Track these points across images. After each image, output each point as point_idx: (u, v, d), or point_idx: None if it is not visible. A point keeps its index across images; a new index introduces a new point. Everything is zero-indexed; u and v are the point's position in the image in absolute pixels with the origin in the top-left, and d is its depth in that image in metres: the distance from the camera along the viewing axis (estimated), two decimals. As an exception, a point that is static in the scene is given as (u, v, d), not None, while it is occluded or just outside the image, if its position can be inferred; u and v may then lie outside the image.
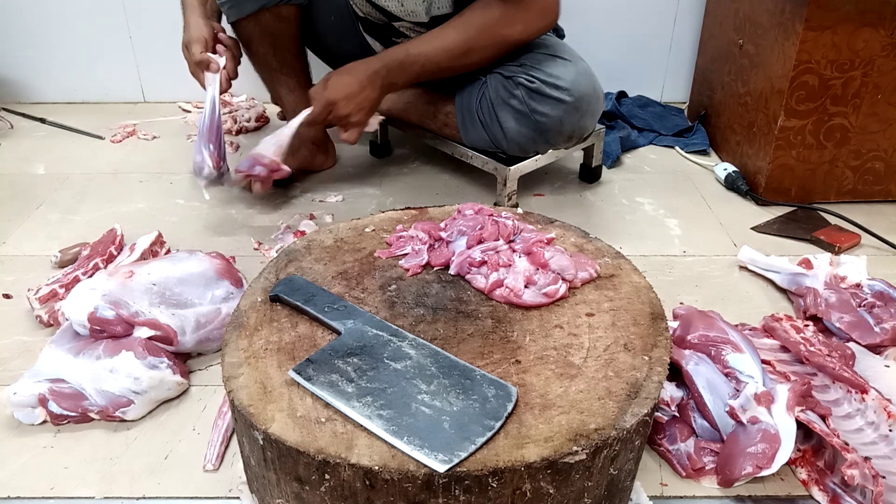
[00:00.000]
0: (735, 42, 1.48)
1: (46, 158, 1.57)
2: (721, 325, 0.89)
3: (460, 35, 1.14)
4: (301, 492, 0.64)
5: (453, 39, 1.14)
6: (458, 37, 1.14)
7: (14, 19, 1.75)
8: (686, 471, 0.81)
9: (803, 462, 0.81)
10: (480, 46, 1.15)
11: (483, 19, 1.13)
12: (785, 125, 1.30)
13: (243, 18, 1.25)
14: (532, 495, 0.61)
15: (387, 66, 1.16)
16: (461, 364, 0.69)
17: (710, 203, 1.40)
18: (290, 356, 0.71)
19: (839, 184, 1.37)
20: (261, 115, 1.72)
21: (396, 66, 1.16)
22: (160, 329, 0.91)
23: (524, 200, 1.39)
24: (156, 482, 0.80)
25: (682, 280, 1.16)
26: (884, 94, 1.27)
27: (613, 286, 0.82)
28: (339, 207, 1.37)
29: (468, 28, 1.13)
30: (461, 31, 1.13)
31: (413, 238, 0.88)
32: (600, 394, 0.66)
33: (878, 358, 0.93)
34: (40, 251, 1.22)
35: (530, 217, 0.95)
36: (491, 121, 1.25)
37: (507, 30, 1.13)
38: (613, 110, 1.70)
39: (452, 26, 1.14)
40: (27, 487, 0.80)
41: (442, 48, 1.14)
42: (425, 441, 0.60)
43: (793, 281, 1.10)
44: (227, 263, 1.05)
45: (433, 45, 1.14)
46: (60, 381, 0.87)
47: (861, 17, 1.20)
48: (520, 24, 1.14)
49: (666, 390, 0.85)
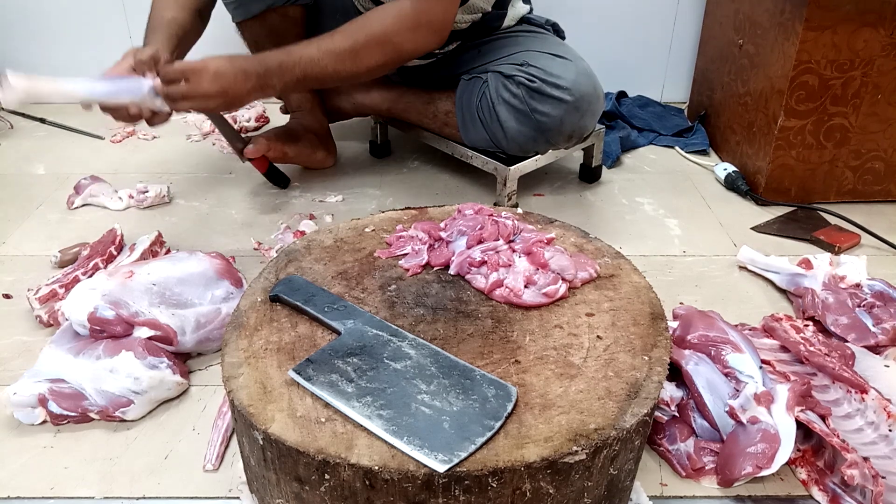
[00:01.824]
0: (735, 42, 1.48)
1: (46, 158, 1.57)
2: (721, 325, 0.89)
3: (347, 41, 1.08)
4: (301, 492, 0.64)
5: (340, 45, 1.08)
6: (345, 42, 1.08)
7: (14, 19, 1.75)
8: (686, 471, 0.81)
9: (803, 462, 0.81)
10: (366, 53, 1.10)
11: (373, 26, 1.10)
12: (785, 125, 1.31)
13: (249, 19, 1.25)
14: (532, 495, 0.61)
15: (266, 66, 1.07)
16: (461, 364, 0.69)
17: (710, 203, 1.40)
18: (290, 356, 0.71)
19: (839, 184, 1.37)
20: (261, 115, 1.72)
21: (276, 66, 1.08)
22: (160, 329, 0.91)
23: (524, 200, 1.39)
24: (156, 482, 0.80)
25: (681, 280, 1.16)
26: (884, 94, 1.27)
27: (613, 286, 0.82)
28: (339, 207, 1.37)
29: (357, 33, 1.09)
30: (348, 38, 1.09)
31: (413, 238, 0.88)
32: (600, 394, 0.66)
33: (878, 358, 0.93)
34: (40, 251, 1.22)
35: (530, 217, 0.95)
36: (491, 120, 1.25)
37: (397, 38, 1.10)
38: (613, 110, 1.70)
39: (341, 32, 1.10)
40: (27, 487, 0.80)
41: (328, 51, 1.08)
42: (425, 441, 0.60)
43: (792, 281, 1.10)
44: (227, 263, 1.05)
45: (318, 49, 1.08)
46: (60, 381, 0.87)
47: (861, 17, 1.20)
48: (409, 36, 1.11)
49: (666, 390, 0.85)
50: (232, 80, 1.04)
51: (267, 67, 1.07)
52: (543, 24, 1.36)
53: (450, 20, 1.14)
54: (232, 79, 1.04)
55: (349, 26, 1.10)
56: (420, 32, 1.11)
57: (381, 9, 1.11)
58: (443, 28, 1.13)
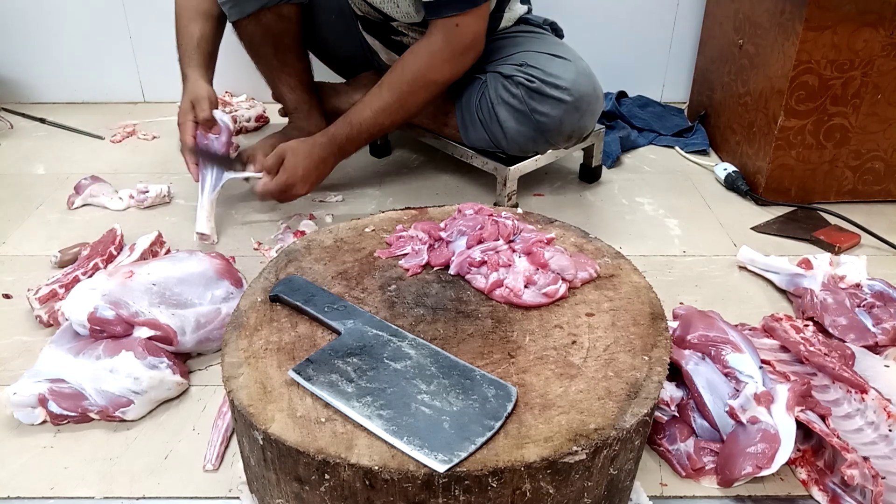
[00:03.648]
0: (735, 42, 1.48)
1: (46, 158, 1.57)
2: (721, 325, 0.89)
3: (393, 94, 1.18)
4: (301, 492, 0.64)
5: (387, 100, 1.19)
6: (391, 96, 1.19)
7: (14, 19, 1.75)
8: (686, 471, 0.81)
9: (803, 462, 0.81)
10: (414, 97, 1.19)
11: (412, 71, 1.17)
12: (785, 125, 1.31)
13: (244, 18, 1.25)
14: (532, 495, 0.61)
15: (338, 145, 1.22)
16: (461, 364, 0.69)
17: (710, 203, 1.40)
18: (289, 356, 0.71)
19: (839, 184, 1.37)
20: (261, 115, 1.72)
21: (345, 140, 1.22)
22: (160, 329, 0.91)
23: (524, 200, 1.39)
24: (156, 482, 0.80)
25: (681, 280, 1.16)
26: (884, 94, 1.27)
27: (613, 286, 0.82)
28: (339, 207, 1.37)
29: (400, 84, 1.18)
30: (394, 90, 1.18)
31: (413, 238, 0.88)
32: (600, 394, 0.66)
33: (878, 358, 0.93)
34: (40, 251, 1.22)
35: (530, 217, 0.95)
36: (491, 120, 1.25)
37: (435, 75, 1.18)
38: (613, 110, 1.70)
39: (386, 85, 1.19)
40: (27, 487, 0.80)
41: (380, 109, 1.19)
42: (425, 441, 0.60)
43: (791, 281, 1.10)
44: (227, 263, 1.05)
45: (371, 110, 1.20)
46: (60, 381, 0.87)
47: (861, 17, 1.20)
48: (447, 67, 1.18)
49: (666, 390, 0.85)
50: (316, 173, 1.22)
51: (339, 146, 1.22)
52: (541, 23, 1.36)
53: (481, 36, 1.19)
54: (316, 172, 1.22)
55: (390, 77, 1.19)
56: (456, 60, 1.18)
57: (416, 49, 1.18)
58: (476, 45, 1.19)
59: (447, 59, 1.16)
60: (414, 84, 1.18)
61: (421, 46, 1.17)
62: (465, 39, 1.15)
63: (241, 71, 1.26)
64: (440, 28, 1.14)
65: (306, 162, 1.20)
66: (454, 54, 1.16)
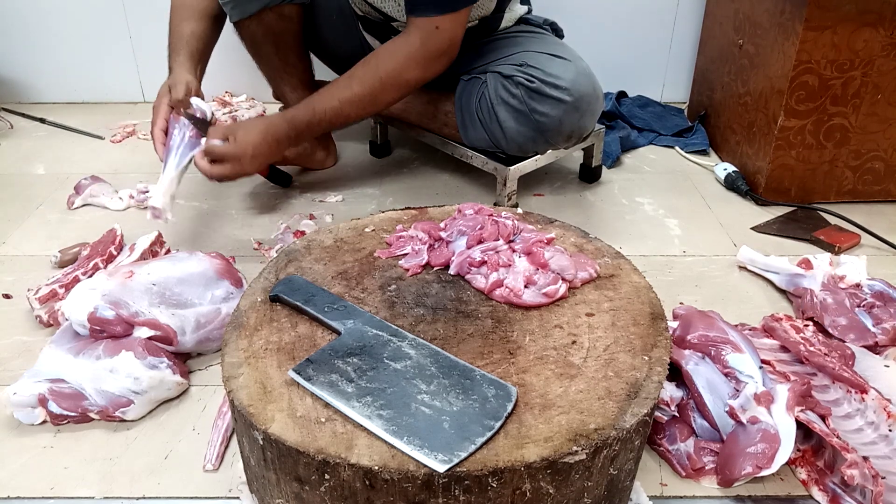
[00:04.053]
0: (735, 42, 1.48)
1: (46, 158, 1.57)
2: (721, 325, 0.89)
3: (364, 88, 1.16)
4: (301, 492, 0.64)
5: (357, 93, 1.16)
6: (362, 90, 1.16)
7: (14, 19, 1.75)
8: (686, 471, 0.81)
9: (803, 462, 0.81)
10: (384, 95, 1.18)
11: (385, 70, 1.16)
12: (785, 125, 1.31)
13: (246, 18, 1.25)
14: (532, 495, 0.61)
15: (296, 130, 1.18)
16: (461, 364, 0.69)
17: (710, 203, 1.40)
18: (289, 356, 0.71)
19: (839, 184, 1.37)
20: (261, 115, 1.72)
21: (304, 126, 1.18)
22: (160, 329, 0.91)
23: (524, 200, 1.39)
24: (156, 482, 0.80)
25: (681, 280, 1.16)
26: (884, 94, 1.27)
27: (613, 286, 0.82)
28: (339, 207, 1.37)
29: (372, 80, 1.16)
30: (365, 85, 1.16)
31: (413, 238, 0.88)
32: (600, 394, 0.66)
33: (878, 358, 0.93)
34: (40, 251, 1.22)
35: (530, 217, 0.95)
36: (490, 120, 1.25)
37: (408, 75, 1.16)
38: (613, 110, 1.70)
39: (357, 79, 1.17)
40: (27, 487, 0.80)
41: (347, 101, 1.17)
42: (425, 441, 0.60)
43: (791, 281, 1.10)
44: (227, 263, 1.05)
45: (339, 100, 1.17)
46: (60, 381, 0.87)
47: (861, 17, 1.20)
48: (419, 69, 1.16)
49: (666, 390, 0.85)
50: (267, 152, 1.17)
51: (297, 130, 1.18)
52: (542, 23, 1.36)
53: (457, 43, 1.17)
54: (267, 151, 1.17)
55: (363, 70, 1.17)
56: (430, 64, 1.17)
57: (391, 46, 1.16)
58: (451, 51, 1.18)
59: (422, 62, 1.16)
60: (386, 81, 1.16)
61: (397, 45, 1.16)
62: (442, 43, 1.15)
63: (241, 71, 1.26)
64: (419, 28, 1.13)
65: (258, 139, 1.15)
66: (428, 57, 1.15)
